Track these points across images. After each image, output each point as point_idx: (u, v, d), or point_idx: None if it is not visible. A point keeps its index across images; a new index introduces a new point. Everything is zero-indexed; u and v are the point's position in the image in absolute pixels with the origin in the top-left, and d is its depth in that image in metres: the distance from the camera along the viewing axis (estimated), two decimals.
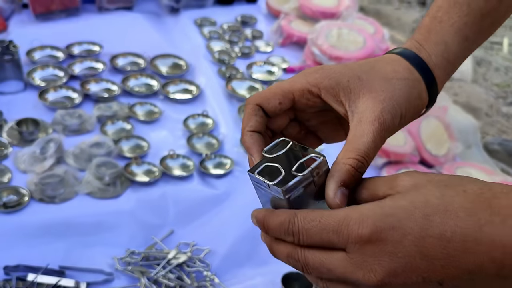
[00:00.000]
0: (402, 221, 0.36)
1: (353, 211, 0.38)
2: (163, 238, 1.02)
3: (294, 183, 0.40)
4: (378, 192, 0.40)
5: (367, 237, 0.36)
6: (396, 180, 0.39)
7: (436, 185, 0.37)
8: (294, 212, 0.39)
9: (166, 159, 1.14)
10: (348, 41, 1.47)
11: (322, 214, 0.38)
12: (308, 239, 0.39)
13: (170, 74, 1.43)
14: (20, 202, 0.99)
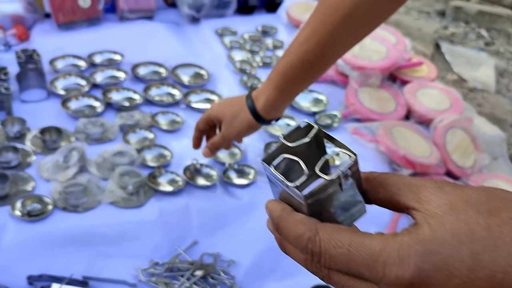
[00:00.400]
0: (447, 261, 0.31)
1: (390, 244, 0.32)
2: (186, 248, 1.01)
3: (318, 187, 0.34)
4: (399, 198, 0.35)
5: (409, 281, 0.31)
6: (424, 191, 0.34)
7: (477, 210, 0.32)
8: (315, 229, 0.34)
9: (189, 169, 1.12)
10: (371, 50, 1.46)
11: (351, 240, 0.33)
12: (331, 264, 0.34)
13: (192, 83, 1.42)
14: (44, 211, 0.98)
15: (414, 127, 1.34)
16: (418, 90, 1.46)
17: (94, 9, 1.60)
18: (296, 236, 0.35)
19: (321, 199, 0.35)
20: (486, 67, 2.01)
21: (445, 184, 0.34)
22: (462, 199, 0.32)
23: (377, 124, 1.30)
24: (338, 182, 0.34)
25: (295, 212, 0.36)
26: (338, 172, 0.34)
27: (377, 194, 0.36)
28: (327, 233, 0.34)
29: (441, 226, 0.32)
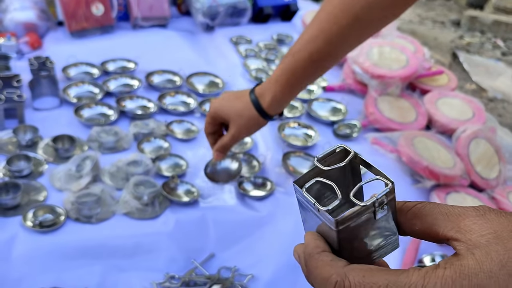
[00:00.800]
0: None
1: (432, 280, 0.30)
2: (203, 262, 0.97)
3: (351, 213, 0.32)
4: (438, 229, 0.33)
5: None
6: (464, 220, 0.32)
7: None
8: (343, 272, 0.32)
9: None
10: (390, 59, 1.42)
11: (388, 280, 0.30)
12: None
13: (207, 92, 1.39)
14: (56, 222, 0.94)
15: (436, 137, 1.29)
16: (438, 100, 1.42)
17: (107, 16, 1.58)
18: (323, 279, 0.33)
19: (353, 227, 0.33)
20: (504, 77, 1.97)
21: (487, 211, 0.32)
22: (508, 228, 0.30)
23: (398, 134, 1.26)
24: (373, 210, 0.32)
25: (326, 252, 0.34)
26: (373, 198, 0.32)
27: (413, 226, 0.34)
28: (358, 276, 0.31)
29: (487, 257, 0.29)
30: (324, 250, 0.35)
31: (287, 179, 1.13)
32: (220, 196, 1.07)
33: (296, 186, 0.35)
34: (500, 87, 1.87)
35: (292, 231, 1.01)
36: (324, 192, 0.35)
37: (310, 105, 1.36)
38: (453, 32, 2.45)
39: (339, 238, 0.33)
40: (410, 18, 2.65)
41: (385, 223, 0.34)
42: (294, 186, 0.35)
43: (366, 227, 0.34)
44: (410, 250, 1.05)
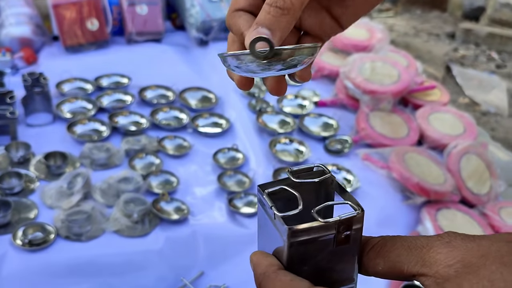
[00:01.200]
0: None
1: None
2: (192, 280, 0.97)
3: (308, 228, 0.29)
4: (401, 266, 0.30)
5: None
6: (429, 252, 0.29)
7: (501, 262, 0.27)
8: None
9: None
10: (382, 74, 1.43)
11: None
12: None
13: (200, 107, 1.40)
14: (46, 240, 0.95)
15: (427, 153, 1.30)
16: (430, 115, 1.43)
17: (102, 32, 1.59)
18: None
19: (307, 248, 0.30)
20: (498, 90, 1.98)
21: (452, 238, 0.29)
22: (477, 253, 0.27)
23: (389, 150, 1.27)
24: (334, 234, 0.29)
25: (284, 270, 0.30)
26: (337, 218, 0.29)
27: (376, 267, 0.31)
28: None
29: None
30: (280, 268, 0.31)
31: None
32: (210, 213, 1.08)
33: (259, 189, 0.32)
34: (494, 100, 1.88)
35: None
36: (288, 208, 0.31)
37: (302, 120, 1.37)
38: (447, 45, 2.47)
39: (290, 257, 0.30)
40: (405, 31, 2.67)
41: (345, 261, 0.31)
42: (258, 189, 0.32)
43: (322, 255, 0.30)
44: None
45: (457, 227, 1.15)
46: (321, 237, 0.29)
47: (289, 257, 0.30)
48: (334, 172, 1.20)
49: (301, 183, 0.32)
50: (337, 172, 1.20)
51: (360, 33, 1.63)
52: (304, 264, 0.30)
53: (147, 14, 1.64)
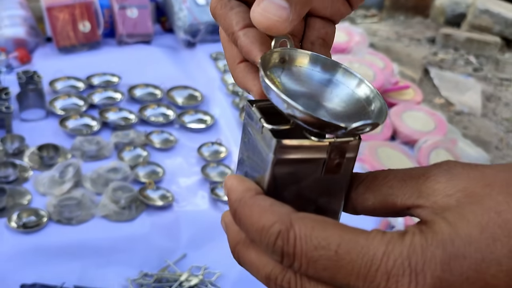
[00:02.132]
0: (479, 267, 0.22)
1: (396, 248, 0.23)
2: (175, 261, 1.04)
3: (298, 145, 0.26)
4: (394, 200, 0.26)
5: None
6: (425, 182, 0.25)
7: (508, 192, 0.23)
8: (289, 220, 0.25)
9: None
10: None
11: (342, 238, 0.24)
12: (309, 271, 0.24)
13: (186, 104, 1.48)
14: (39, 223, 1.02)
15: (399, 148, 1.39)
16: (404, 112, 1.52)
17: (93, 33, 1.67)
18: (261, 229, 0.25)
19: (293, 170, 0.27)
20: (473, 92, 2.08)
21: (452, 166, 0.26)
22: (481, 182, 0.24)
23: (363, 144, 1.35)
24: (324, 157, 0.26)
25: (262, 195, 0.27)
26: (331, 139, 0.26)
27: (365, 202, 0.28)
28: (307, 227, 0.24)
29: (462, 220, 0.23)
30: (259, 193, 0.27)
31: None
32: (194, 201, 1.15)
33: (247, 103, 0.29)
34: (468, 101, 1.98)
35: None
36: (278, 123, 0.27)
37: None
38: (427, 49, 2.57)
39: (273, 175, 0.27)
40: (388, 35, 2.76)
41: (332, 193, 0.28)
42: (246, 104, 0.29)
43: (307, 182, 0.27)
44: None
45: None
46: (310, 159, 0.26)
47: (271, 178, 0.27)
48: None
49: None
50: None
51: (339, 36, 1.72)
52: (286, 190, 0.27)
53: (137, 17, 1.72)
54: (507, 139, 1.84)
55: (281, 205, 0.26)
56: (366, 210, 0.28)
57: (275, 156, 0.26)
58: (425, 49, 2.57)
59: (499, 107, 2.07)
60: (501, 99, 2.13)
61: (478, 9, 2.94)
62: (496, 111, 2.04)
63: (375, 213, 0.28)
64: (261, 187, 0.28)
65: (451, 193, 0.24)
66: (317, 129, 0.26)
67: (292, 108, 0.26)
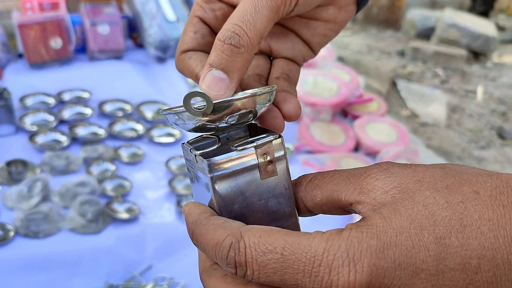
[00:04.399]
0: (409, 253, 0.25)
1: (335, 243, 0.26)
2: (141, 272, 1.07)
3: (227, 159, 0.28)
4: (339, 195, 0.29)
5: (364, 286, 0.25)
6: (366, 179, 0.29)
7: (434, 188, 0.27)
8: (239, 233, 0.27)
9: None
10: (322, 88, 1.57)
11: (285, 241, 0.26)
12: (261, 277, 0.27)
13: (155, 119, 1.51)
14: (6, 237, 1.04)
15: (362, 159, 1.44)
16: (367, 124, 1.57)
17: (65, 49, 1.70)
18: (215, 244, 0.28)
19: (233, 183, 0.29)
20: (438, 104, 2.15)
21: (390, 166, 0.29)
22: (413, 178, 0.27)
23: (326, 155, 1.40)
24: (256, 162, 0.29)
25: (216, 216, 0.30)
26: (253, 144, 0.29)
27: (314, 199, 0.31)
28: (255, 236, 0.27)
29: (395, 213, 0.26)
30: (213, 214, 0.30)
31: None
32: (160, 213, 1.18)
33: (183, 147, 0.32)
34: (432, 113, 2.05)
35: None
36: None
37: None
38: (396, 62, 2.65)
39: (217, 194, 0.29)
40: (359, 49, 2.84)
41: (279, 195, 0.30)
42: (182, 146, 0.33)
43: (251, 190, 0.30)
44: None
45: None
46: (244, 168, 0.29)
47: (217, 196, 0.29)
48: None
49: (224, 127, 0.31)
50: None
51: None
52: (235, 203, 0.29)
53: (108, 34, 1.76)
54: (470, 149, 1.91)
55: (233, 222, 0.29)
56: (314, 207, 0.31)
57: (211, 175, 0.28)
58: (394, 62, 2.64)
59: (463, 118, 2.15)
60: (465, 110, 2.21)
61: (446, 23, 3.04)
62: (460, 122, 2.11)
63: (324, 210, 0.31)
64: (213, 209, 0.31)
65: (388, 189, 0.27)
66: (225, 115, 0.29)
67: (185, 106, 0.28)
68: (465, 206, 0.25)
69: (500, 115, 2.20)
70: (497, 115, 2.21)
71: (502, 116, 2.18)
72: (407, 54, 2.78)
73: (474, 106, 2.25)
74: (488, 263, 0.24)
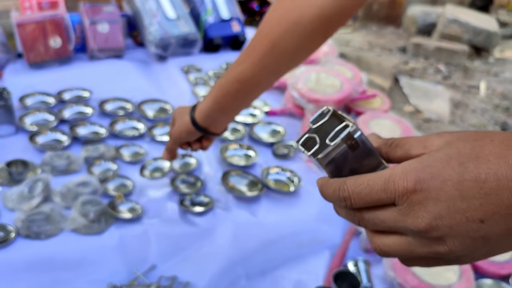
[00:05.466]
0: (440, 170, 0.40)
1: (396, 168, 0.42)
2: (145, 272, 1.05)
3: (327, 152, 0.44)
4: (411, 151, 0.45)
5: (412, 188, 0.41)
6: (428, 140, 0.44)
7: (465, 140, 0.42)
8: (343, 180, 0.45)
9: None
10: (325, 85, 1.55)
11: (370, 177, 0.44)
12: (359, 202, 0.44)
13: (157, 117, 1.49)
14: (7, 239, 1.03)
15: None
16: (371, 121, 1.56)
17: (64, 49, 1.68)
18: (332, 192, 0.46)
19: (337, 161, 0.45)
20: (441, 99, 2.13)
21: (444, 133, 0.45)
22: (455, 137, 0.43)
23: None
24: (345, 146, 0.44)
25: (332, 179, 0.47)
26: (338, 138, 0.44)
27: (395, 154, 0.46)
28: (352, 179, 0.44)
29: (437, 152, 0.42)
30: (330, 179, 0.47)
31: (226, 195, 1.23)
32: (163, 213, 1.16)
33: (297, 144, 0.48)
34: (436, 109, 2.03)
35: (228, 242, 1.11)
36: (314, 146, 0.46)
37: (252, 128, 1.47)
38: (398, 58, 2.62)
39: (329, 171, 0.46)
40: (360, 46, 2.82)
41: (368, 155, 0.45)
42: (297, 145, 0.48)
43: (350, 160, 0.45)
44: (337, 257, 1.16)
45: None
46: (339, 152, 0.44)
47: (328, 173, 0.46)
48: (278, 173, 1.31)
49: (317, 126, 0.47)
50: (281, 173, 1.31)
51: None
52: (342, 171, 0.45)
53: (108, 32, 1.74)
54: None
55: (340, 178, 0.46)
56: (395, 159, 0.47)
57: (320, 164, 0.46)
58: (396, 58, 2.62)
59: (467, 114, 2.13)
60: (469, 106, 2.19)
61: (447, 18, 3.02)
62: (464, 118, 2.09)
63: (400, 161, 0.45)
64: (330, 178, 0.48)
65: (440, 144, 0.43)
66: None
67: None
68: (483, 148, 0.40)
69: (504, 110, 2.18)
70: (501, 110, 2.19)
71: (505, 111, 2.16)
72: (408, 50, 2.76)
73: (477, 102, 2.23)
74: (492, 177, 0.39)
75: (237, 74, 0.91)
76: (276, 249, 1.15)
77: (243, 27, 1.90)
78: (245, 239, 1.13)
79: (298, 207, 1.24)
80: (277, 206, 1.23)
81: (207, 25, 1.84)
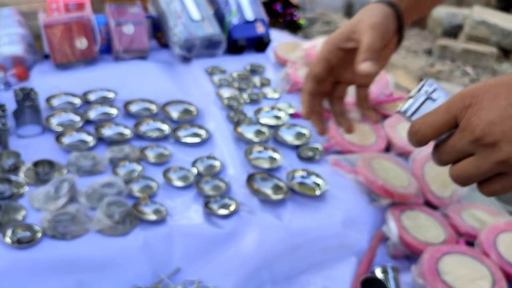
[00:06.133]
0: (492, 87, 0.52)
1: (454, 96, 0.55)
2: (169, 275, 1.05)
3: (409, 104, 0.59)
4: None
5: (468, 103, 0.51)
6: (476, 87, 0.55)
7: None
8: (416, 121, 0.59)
9: None
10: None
11: (436, 109, 0.56)
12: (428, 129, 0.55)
13: (181, 119, 1.49)
14: (33, 239, 1.03)
15: (393, 159, 1.39)
16: (398, 124, 1.53)
17: (90, 50, 1.69)
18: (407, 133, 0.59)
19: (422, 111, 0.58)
20: None
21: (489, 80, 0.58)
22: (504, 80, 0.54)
23: (356, 156, 1.36)
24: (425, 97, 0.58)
25: None
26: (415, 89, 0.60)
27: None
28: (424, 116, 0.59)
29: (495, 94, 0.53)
30: None
31: (250, 199, 1.21)
32: (188, 215, 1.16)
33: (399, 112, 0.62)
34: None
35: (253, 246, 1.10)
36: None
37: (277, 130, 1.46)
38: (424, 61, 2.58)
39: None
40: None
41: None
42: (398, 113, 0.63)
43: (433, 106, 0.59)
44: (364, 263, 1.13)
45: (419, 226, 1.24)
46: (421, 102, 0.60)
47: None
48: (303, 177, 1.29)
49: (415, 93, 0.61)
50: (306, 176, 1.29)
51: None
52: None
53: (133, 34, 1.75)
54: None
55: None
56: None
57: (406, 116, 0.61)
58: (422, 61, 2.58)
59: None
60: None
61: (475, 20, 2.96)
62: None
63: None
64: None
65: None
66: None
67: None
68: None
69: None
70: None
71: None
72: (434, 52, 2.71)
73: None
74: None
75: None
76: (302, 254, 1.13)
77: (267, 29, 1.89)
78: (270, 243, 1.11)
79: (324, 211, 1.22)
80: (302, 210, 1.21)
81: (231, 26, 1.83)
